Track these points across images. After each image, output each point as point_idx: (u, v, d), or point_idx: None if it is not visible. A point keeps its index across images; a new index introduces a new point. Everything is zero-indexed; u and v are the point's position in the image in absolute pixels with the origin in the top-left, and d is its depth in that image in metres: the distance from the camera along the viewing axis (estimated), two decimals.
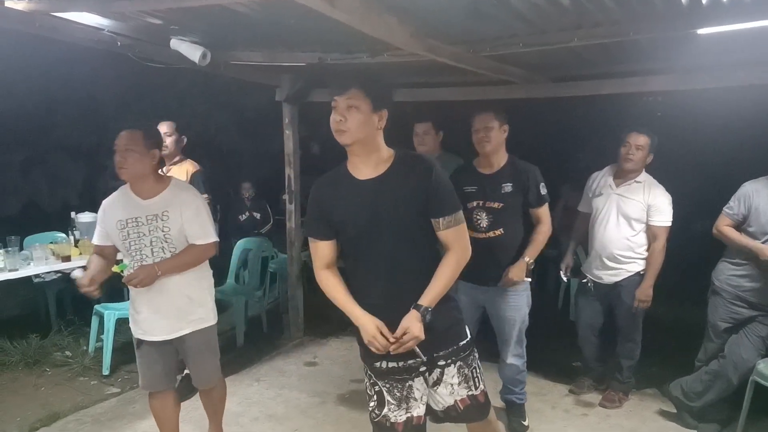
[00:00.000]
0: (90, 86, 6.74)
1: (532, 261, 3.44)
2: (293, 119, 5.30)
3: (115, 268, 2.97)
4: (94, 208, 5.10)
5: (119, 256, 3.12)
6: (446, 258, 2.27)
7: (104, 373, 4.57)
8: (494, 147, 3.42)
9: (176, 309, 3.00)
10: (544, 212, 3.48)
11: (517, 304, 3.51)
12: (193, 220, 2.93)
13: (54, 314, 5.34)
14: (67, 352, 4.91)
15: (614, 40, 3.28)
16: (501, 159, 3.48)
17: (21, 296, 5.75)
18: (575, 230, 4.28)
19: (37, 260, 4.67)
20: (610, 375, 4.23)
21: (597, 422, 3.93)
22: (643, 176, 3.91)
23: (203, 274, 3.13)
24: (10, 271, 4.46)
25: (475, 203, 3.44)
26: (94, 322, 4.86)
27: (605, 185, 4.01)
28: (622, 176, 3.95)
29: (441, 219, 2.23)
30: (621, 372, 4.13)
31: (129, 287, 3.01)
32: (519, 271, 3.41)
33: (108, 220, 2.94)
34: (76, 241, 5.06)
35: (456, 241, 2.26)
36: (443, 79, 4.72)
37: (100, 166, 8.06)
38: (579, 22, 3.19)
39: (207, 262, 3.14)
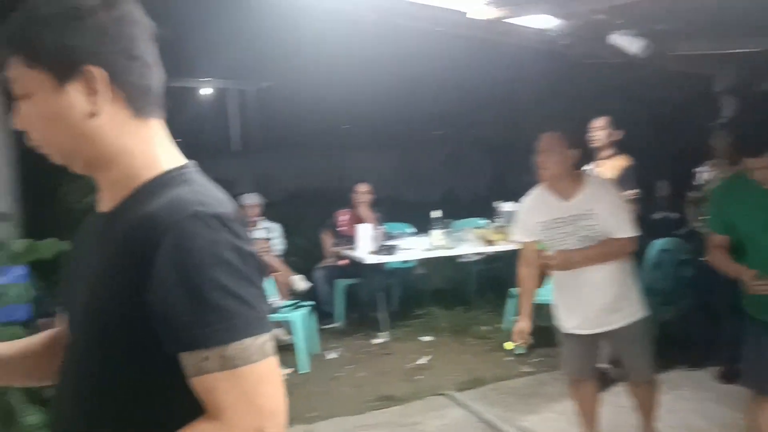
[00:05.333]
0: (512, 85, 7.28)
1: None
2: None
3: (540, 246, 3.16)
4: (508, 198, 5.56)
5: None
6: (196, 428, 0.92)
7: (518, 352, 4.91)
8: None
9: (603, 304, 3.03)
10: None
11: None
12: (611, 214, 2.94)
13: (473, 291, 5.96)
14: (485, 327, 5.43)
15: None
16: None
17: (445, 272, 6.53)
18: None
19: (469, 242, 5.28)
20: None
21: None
22: None
23: (626, 269, 3.10)
24: (447, 249, 5.14)
25: None
26: (510, 302, 5.25)
27: None
28: None
29: (185, 354, 0.91)
30: None
31: (552, 281, 3.18)
32: None
33: (529, 220, 3.12)
34: (499, 227, 5.54)
35: (227, 404, 0.90)
36: None
37: (512, 161, 8.70)
38: None
39: (629, 257, 3.10)
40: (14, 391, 3.07)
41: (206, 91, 11.28)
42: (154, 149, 1.04)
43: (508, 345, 3.21)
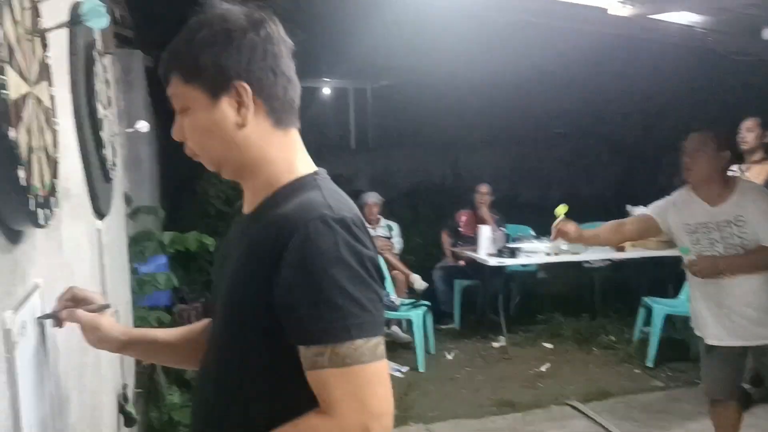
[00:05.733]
0: (648, 83, 6.89)
1: None
2: None
3: (682, 251, 2.99)
4: (636, 201, 5.25)
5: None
6: (308, 419, 0.99)
7: (647, 365, 4.66)
8: None
9: (749, 316, 2.81)
10: None
11: None
12: (763, 222, 2.73)
13: (599, 299, 5.72)
14: (611, 337, 5.20)
15: None
16: None
17: (568, 278, 6.27)
18: None
19: (595, 247, 5.06)
20: None
21: None
22: None
23: None
24: (573, 253, 4.96)
25: None
26: (641, 313, 4.99)
27: None
28: None
29: (302, 348, 0.98)
30: None
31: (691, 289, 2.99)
32: None
33: (675, 218, 2.93)
34: None
35: (336, 400, 0.96)
36: None
37: (642, 162, 8.30)
38: None
39: None
40: (161, 373, 3.32)
41: (326, 90, 11.60)
42: (292, 157, 1.12)
43: (560, 209, 3.04)
